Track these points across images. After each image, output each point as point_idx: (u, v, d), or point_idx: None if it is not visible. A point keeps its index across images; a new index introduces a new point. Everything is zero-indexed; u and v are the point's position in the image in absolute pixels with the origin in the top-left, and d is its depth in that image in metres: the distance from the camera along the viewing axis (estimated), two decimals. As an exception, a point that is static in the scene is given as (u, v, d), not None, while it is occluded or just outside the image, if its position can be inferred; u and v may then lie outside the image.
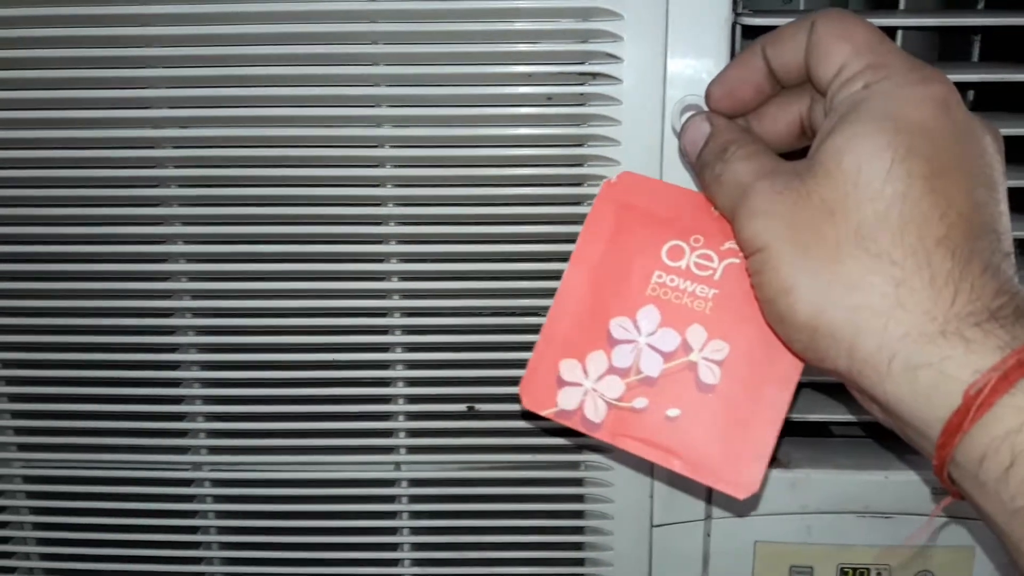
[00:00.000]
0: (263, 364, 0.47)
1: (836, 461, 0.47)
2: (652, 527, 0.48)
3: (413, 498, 0.49)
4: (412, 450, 0.48)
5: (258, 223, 0.45)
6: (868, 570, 0.48)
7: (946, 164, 0.27)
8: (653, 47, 0.40)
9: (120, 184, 0.45)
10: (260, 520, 0.50)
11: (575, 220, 0.44)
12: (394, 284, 0.45)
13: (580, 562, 0.49)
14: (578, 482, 0.48)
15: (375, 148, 0.43)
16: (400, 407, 0.47)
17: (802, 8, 0.50)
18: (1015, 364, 0.25)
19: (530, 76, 0.41)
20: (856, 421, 0.46)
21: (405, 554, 0.50)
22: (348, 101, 0.42)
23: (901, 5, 0.43)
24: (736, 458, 0.31)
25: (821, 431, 0.51)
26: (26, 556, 0.52)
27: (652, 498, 0.47)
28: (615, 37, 0.40)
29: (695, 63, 0.40)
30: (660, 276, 0.32)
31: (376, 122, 0.43)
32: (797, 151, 0.33)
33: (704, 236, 0.32)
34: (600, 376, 0.32)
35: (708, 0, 0.40)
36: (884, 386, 0.27)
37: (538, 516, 0.49)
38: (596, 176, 0.42)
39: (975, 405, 0.25)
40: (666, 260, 0.33)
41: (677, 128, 0.35)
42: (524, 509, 0.49)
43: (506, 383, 0.46)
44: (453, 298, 0.45)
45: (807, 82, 0.31)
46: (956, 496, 0.29)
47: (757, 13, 0.40)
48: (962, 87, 0.44)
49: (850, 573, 0.48)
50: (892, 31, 0.42)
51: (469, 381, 0.47)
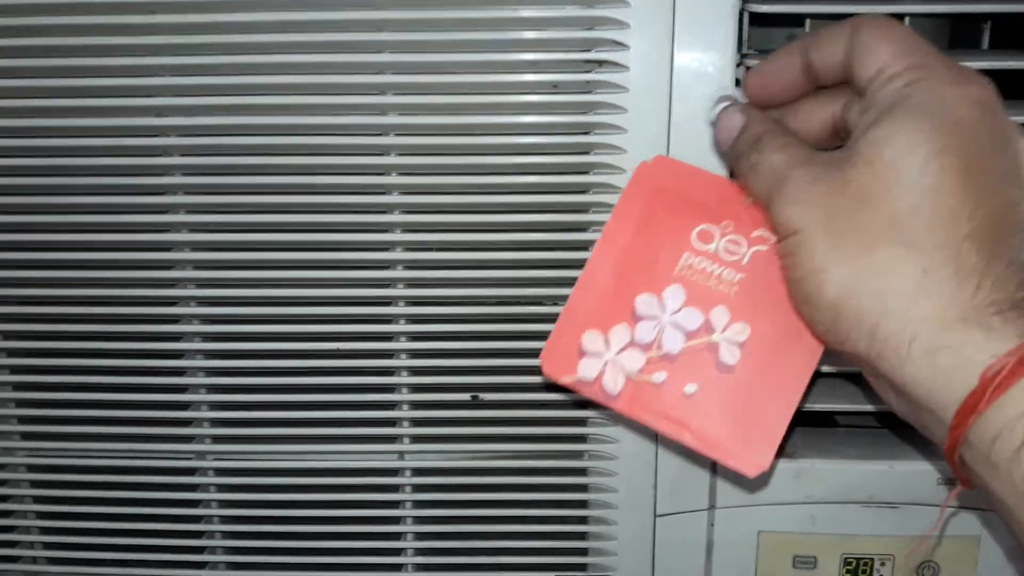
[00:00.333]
0: (267, 352, 0.47)
1: (841, 451, 0.47)
2: (656, 517, 0.48)
3: (416, 487, 0.49)
4: (416, 439, 0.48)
5: (263, 213, 0.45)
6: (872, 560, 0.48)
7: (980, 162, 0.27)
8: (660, 34, 0.40)
9: (124, 173, 0.45)
10: (263, 509, 0.50)
11: (580, 208, 0.43)
12: (398, 273, 0.45)
13: (584, 551, 0.49)
14: (582, 471, 0.48)
15: (379, 136, 0.43)
16: (404, 396, 0.47)
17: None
18: None
19: (535, 64, 0.41)
20: (861, 411, 0.46)
21: (408, 543, 0.50)
22: (352, 89, 0.42)
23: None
24: (748, 436, 0.32)
25: (826, 421, 0.51)
26: (30, 545, 0.52)
27: (656, 488, 0.47)
28: (621, 24, 0.40)
29: (703, 50, 0.40)
30: (689, 258, 0.33)
31: (381, 110, 0.42)
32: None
33: (735, 222, 0.33)
34: (621, 349, 0.33)
35: (716, -14, 0.39)
36: (903, 368, 0.28)
37: (542, 505, 0.49)
38: (602, 164, 0.42)
39: (992, 386, 0.26)
40: (696, 243, 0.33)
41: (712, 120, 0.35)
42: (528, 499, 0.48)
43: (510, 372, 0.46)
44: (458, 287, 0.45)
45: (842, 84, 0.32)
46: (965, 483, 0.29)
47: (766, 0, 0.40)
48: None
49: (854, 563, 0.48)
50: (900, 17, 0.41)
51: (473, 370, 0.46)
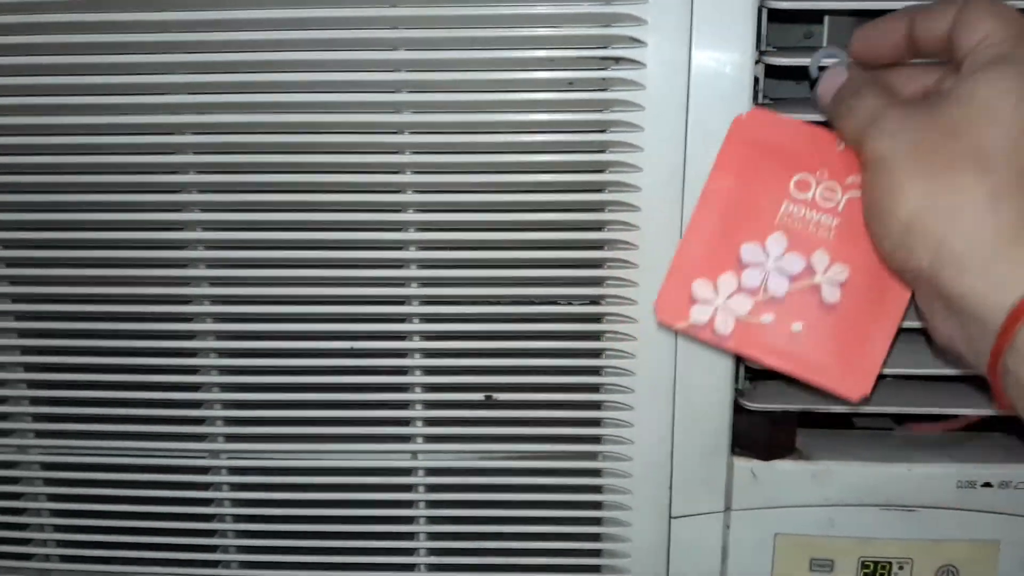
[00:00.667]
0: (281, 351, 0.47)
1: (858, 453, 0.47)
2: (671, 519, 0.48)
3: (430, 487, 0.49)
4: (429, 439, 0.48)
5: (277, 211, 0.44)
6: (890, 563, 0.47)
7: None
8: (678, 31, 0.39)
9: (138, 171, 0.45)
10: (276, 508, 0.50)
11: (596, 207, 0.43)
12: (413, 272, 0.45)
13: (597, 553, 0.49)
14: (596, 472, 0.47)
15: (394, 134, 0.43)
16: (418, 395, 0.47)
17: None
18: None
19: (551, 61, 0.41)
20: (879, 412, 0.46)
21: (421, 543, 0.50)
22: (367, 87, 0.42)
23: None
24: (851, 365, 0.35)
25: (844, 423, 0.51)
26: (43, 543, 0.52)
27: (671, 489, 0.47)
28: (639, 20, 0.39)
29: (721, 47, 0.40)
30: (788, 206, 0.36)
31: (395, 108, 0.42)
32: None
33: (829, 170, 0.35)
34: (730, 295, 0.36)
35: (735, -17, 0.39)
36: (961, 279, 0.29)
37: (555, 506, 0.48)
38: (618, 163, 0.42)
39: None
40: (794, 192, 0.36)
41: (814, 74, 0.37)
42: (541, 499, 0.48)
43: (524, 372, 0.46)
44: (472, 286, 0.45)
45: (939, 58, 0.33)
46: (1003, 403, 0.30)
47: (784, -3, 0.39)
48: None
49: (871, 566, 0.47)
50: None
51: (487, 370, 0.46)
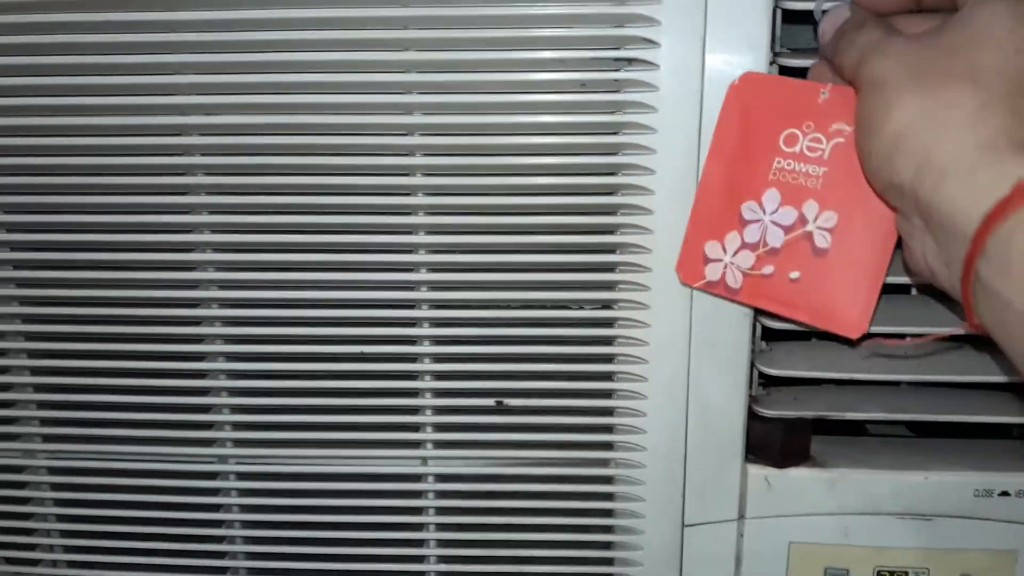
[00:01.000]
0: (290, 356, 0.46)
1: (874, 461, 0.46)
2: (684, 527, 0.47)
3: (440, 493, 0.48)
4: (439, 445, 0.47)
5: (287, 213, 0.44)
6: (906, 573, 0.46)
7: None
8: (692, 32, 0.39)
9: (147, 171, 0.44)
10: (284, 514, 0.49)
11: (608, 210, 0.43)
12: (423, 275, 0.44)
13: (609, 561, 0.48)
14: (608, 480, 0.47)
15: (404, 136, 0.42)
16: (428, 401, 0.46)
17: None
18: None
19: (563, 62, 0.40)
20: (893, 419, 0.45)
21: (431, 550, 0.49)
22: (377, 88, 0.42)
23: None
24: (848, 306, 0.37)
25: (857, 431, 0.50)
26: (50, 548, 0.52)
27: (684, 497, 0.46)
28: (652, 21, 0.39)
29: (735, 48, 0.39)
30: (779, 162, 0.38)
31: (406, 109, 0.42)
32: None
33: (814, 121, 0.37)
34: (736, 252, 0.39)
35: (749, -17, 0.39)
36: (942, 187, 0.30)
37: (566, 514, 0.48)
38: (630, 165, 0.41)
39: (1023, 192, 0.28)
40: (783, 147, 0.38)
41: (818, 17, 0.38)
42: (552, 507, 0.48)
43: (536, 377, 0.46)
44: (482, 290, 0.44)
45: (942, 7, 0.34)
46: (972, 321, 0.31)
47: (799, -3, 0.39)
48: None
49: (887, 576, 0.47)
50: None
51: (498, 375, 0.46)
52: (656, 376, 0.44)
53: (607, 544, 0.48)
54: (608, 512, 0.48)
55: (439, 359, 0.46)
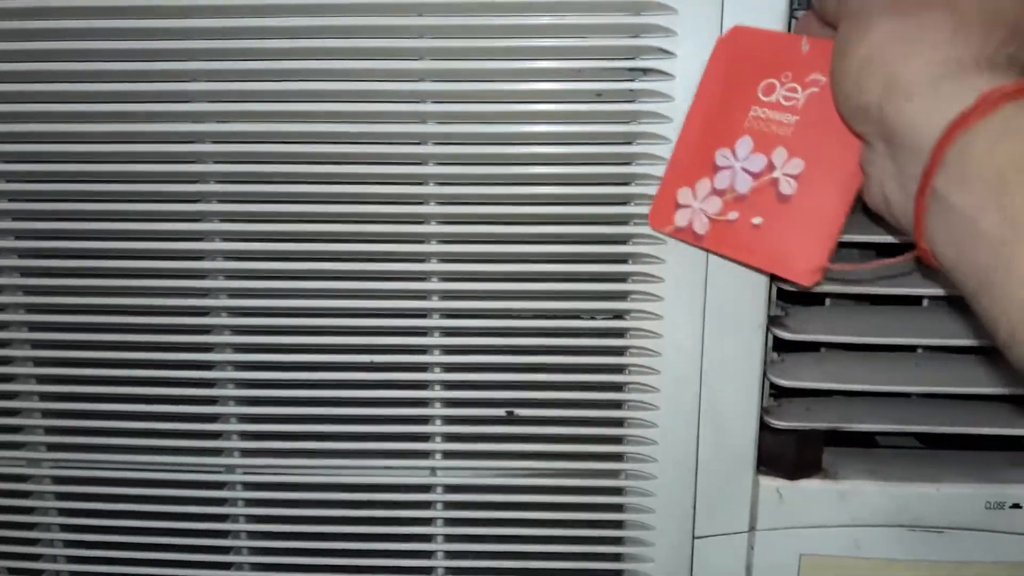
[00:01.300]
0: (299, 365, 0.46)
1: (886, 473, 0.46)
2: (694, 538, 0.47)
3: (448, 504, 0.48)
4: (449, 455, 0.47)
5: (299, 221, 0.44)
6: (917, 586, 0.46)
7: None
8: (708, 43, 0.39)
9: (158, 179, 0.44)
10: (292, 525, 0.49)
11: (620, 220, 0.43)
12: (434, 285, 0.44)
13: (619, 573, 0.48)
14: (618, 491, 0.47)
15: (418, 145, 0.42)
16: (437, 411, 0.46)
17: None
18: None
19: (579, 71, 0.40)
20: (902, 431, 0.45)
21: (439, 562, 0.49)
22: (392, 97, 0.42)
23: None
24: (803, 253, 0.37)
25: (866, 442, 0.50)
26: (53, 559, 0.51)
27: (695, 508, 0.46)
28: (668, 32, 0.39)
29: (751, 59, 0.39)
30: (755, 111, 0.38)
31: (420, 118, 0.42)
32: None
33: (792, 71, 0.37)
34: (705, 197, 0.39)
35: (765, -5, 0.39)
36: (907, 104, 0.30)
37: (576, 525, 0.48)
38: (644, 175, 0.41)
39: (988, 103, 0.28)
40: (761, 96, 0.38)
41: None
42: (562, 518, 0.47)
43: (547, 388, 0.45)
44: (494, 299, 0.44)
45: None
46: (922, 246, 0.31)
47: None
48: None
49: (898, 589, 0.46)
50: None
51: (509, 385, 0.45)
52: (668, 387, 0.44)
53: (617, 556, 0.48)
54: (618, 523, 0.47)
55: (450, 368, 0.46)
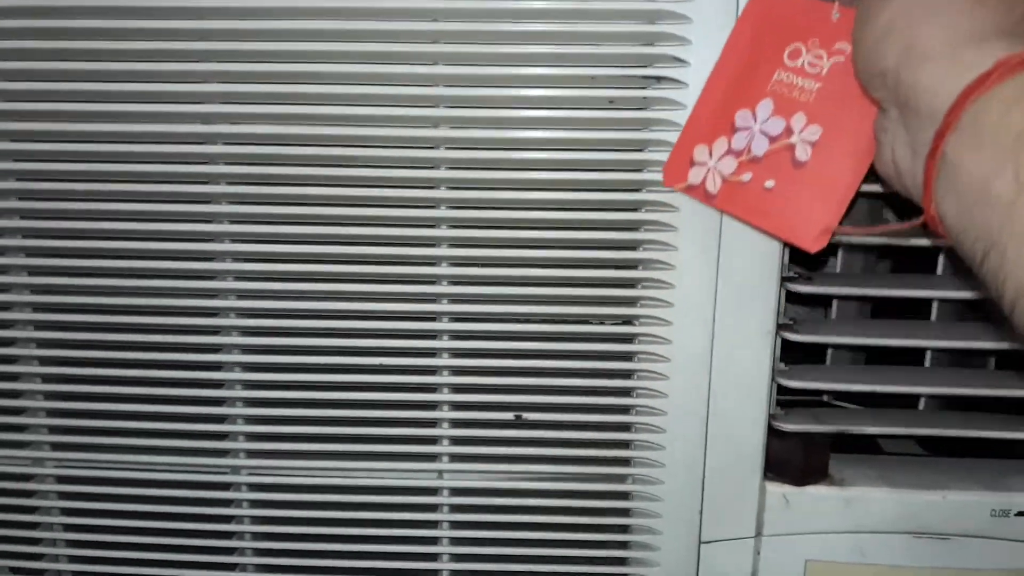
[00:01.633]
0: (307, 367, 0.46)
1: (891, 479, 0.46)
2: (700, 543, 0.47)
3: (455, 507, 0.48)
4: (456, 458, 0.47)
5: (309, 224, 0.44)
6: (922, 592, 0.47)
7: None
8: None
9: (169, 180, 0.44)
10: (297, 527, 0.49)
11: (631, 226, 0.43)
12: (444, 288, 0.44)
13: (625, 577, 0.48)
14: (625, 495, 0.47)
15: (431, 149, 0.42)
16: (445, 413, 0.46)
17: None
18: None
19: (592, 78, 0.40)
20: (907, 435, 0.45)
21: (444, 565, 0.49)
22: (406, 101, 0.42)
23: None
24: (811, 219, 0.37)
25: (871, 448, 0.50)
26: (56, 559, 0.51)
27: (702, 513, 0.46)
28: (682, 40, 0.39)
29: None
30: (779, 74, 0.38)
31: (433, 123, 0.42)
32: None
33: (820, 38, 0.37)
34: (721, 157, 0.39)
35: (778, 4, 0.39)
36: (923, 68, 0.30)
37: (583, 529, 0.48)
38: (655, 182, 0.41)
39: (1006, 68, 0.28)
40: (787, 61, 0.38)
41: None
42: (568, 522, 0.47)
43: (555, 392, 0.45)
44: (503, 303, 0.44)
45: None
46: (930, 212, 0.30)
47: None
48: None
49: (902, 595, 0.47)
50: None
51: (517, 388, 0.46)
52: (676, 392, 0.44)
53: (623, 560, 0.48)
54: (625, 528, 0.47)
55: (458, 372, 0.46)
